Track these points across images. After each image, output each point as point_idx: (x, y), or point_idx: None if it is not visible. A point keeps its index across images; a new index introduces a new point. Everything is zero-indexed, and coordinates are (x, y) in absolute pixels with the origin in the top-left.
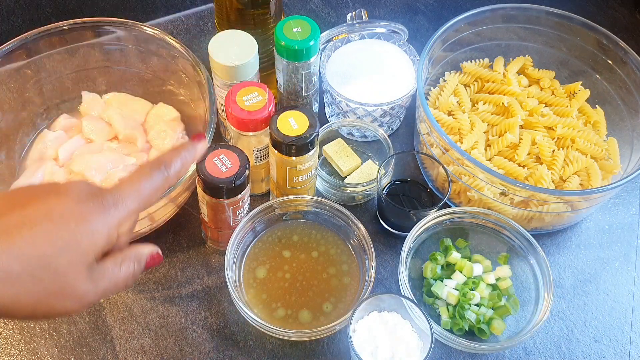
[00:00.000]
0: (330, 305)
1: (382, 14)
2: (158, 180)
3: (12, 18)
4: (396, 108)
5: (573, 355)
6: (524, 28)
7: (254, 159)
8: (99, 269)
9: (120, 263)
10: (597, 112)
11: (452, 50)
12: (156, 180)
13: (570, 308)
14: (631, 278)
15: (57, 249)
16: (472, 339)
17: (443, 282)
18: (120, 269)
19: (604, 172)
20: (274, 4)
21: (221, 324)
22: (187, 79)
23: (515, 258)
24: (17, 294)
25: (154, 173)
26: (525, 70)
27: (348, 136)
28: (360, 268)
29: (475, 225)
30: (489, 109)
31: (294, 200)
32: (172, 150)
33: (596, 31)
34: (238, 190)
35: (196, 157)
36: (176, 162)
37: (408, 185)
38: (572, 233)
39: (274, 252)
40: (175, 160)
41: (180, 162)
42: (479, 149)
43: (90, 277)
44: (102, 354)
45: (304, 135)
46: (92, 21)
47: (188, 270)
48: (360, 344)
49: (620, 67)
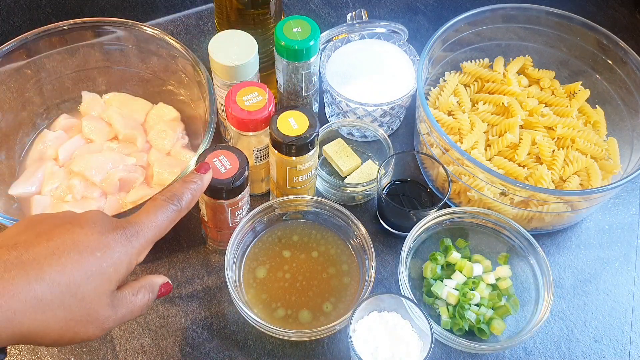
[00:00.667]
0: (330, 305)
1: (382, 14)
2: (172, 213)
3: (12, 18)
4: (396, 108)
5: (573, 355)
6: (524, 28)
7: (254, 159)
8: (119, 297)
9: (137, 292)
10: (597, 112)
11: (452, 50)
12: (170, 212)
13: (570, 308)
14: (631, 278)
15: (85, 277)
16: (472, 339)
17: (443, 282)
18: (137, 297)
19: (604, 172)
20: (274, 4)
21: (221, 324)
22: (187, 79)
23: (515, 258)
24: (47, 321)
25: (168, 206)
26: (525, 70)
27: (348, 136)
28: (360, 268)
29: (475, 225)
30: (489, 109)
31: (294, 200)
32: (182, 184)
33: (596, 31)
34: (237, 191)
35: (204, 187)
36: (187, 195)
37: (408, 185)
38: (572, 233)
39: (274, 252)
40: (186, 194)
41: (191, 195)
42: (479, 149)
43: (112, 304)
44: (102, 354)
45: (304, 135)
46: (92, 21)
47: (188, 270)
48: (360, 344)
49: (620, 67)
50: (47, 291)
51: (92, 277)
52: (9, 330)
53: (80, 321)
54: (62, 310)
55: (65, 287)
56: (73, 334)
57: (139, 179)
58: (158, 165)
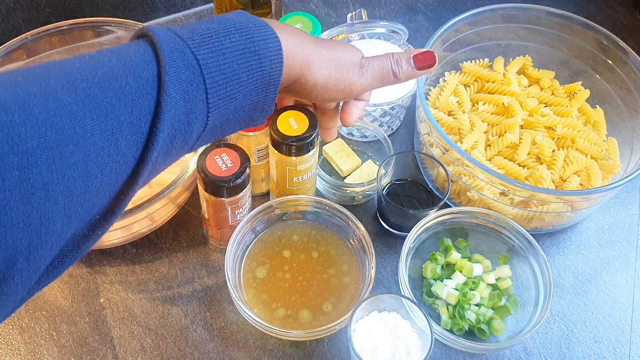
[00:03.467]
0: (330, 305)
1: (382, 14)
2: (388, 67)
3: (12, 18)
4: (396, 108)
5: (573, 355)
6: (524, 28)
7: (254, 159)
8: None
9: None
10: (597, 112)
11: (452, 50)
12: (387, 66)
13: (570, 308)
14: (631, 278)
15: (346, 54)
16: (472, 339)
17: (443, 282)
18: (383, 60)
19: (604, 172)
20: (274, 4)
21: (221, 324)
22: None
23: (515, 258)
24: (322, 53)
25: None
26: (525, 70)
27: (348, 136)
28: (360, 268)
29: (475, 225)
30: (489, 109)
31: (294, 200)
32: (407, 59)
33: (596, 31)
34: (238, 189)
35: (413, 73)
36: (404, 63)
37: (408, 185)
38: (572, 233)
39: (274, 252)
40: (404, 63)
41: (406, 65)
42: (479, 149)
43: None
44: (102, 354)
45: (304, 135)
46: (92, 21)
47: (188, 270)
48: (360, 344)
49: (620, 67)
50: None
51: (349, 56)
52: (299, 57)
53: (343, 63)
54: (330, 52)
55: (332, 46)
56: (339, 74)
57: None
58: None
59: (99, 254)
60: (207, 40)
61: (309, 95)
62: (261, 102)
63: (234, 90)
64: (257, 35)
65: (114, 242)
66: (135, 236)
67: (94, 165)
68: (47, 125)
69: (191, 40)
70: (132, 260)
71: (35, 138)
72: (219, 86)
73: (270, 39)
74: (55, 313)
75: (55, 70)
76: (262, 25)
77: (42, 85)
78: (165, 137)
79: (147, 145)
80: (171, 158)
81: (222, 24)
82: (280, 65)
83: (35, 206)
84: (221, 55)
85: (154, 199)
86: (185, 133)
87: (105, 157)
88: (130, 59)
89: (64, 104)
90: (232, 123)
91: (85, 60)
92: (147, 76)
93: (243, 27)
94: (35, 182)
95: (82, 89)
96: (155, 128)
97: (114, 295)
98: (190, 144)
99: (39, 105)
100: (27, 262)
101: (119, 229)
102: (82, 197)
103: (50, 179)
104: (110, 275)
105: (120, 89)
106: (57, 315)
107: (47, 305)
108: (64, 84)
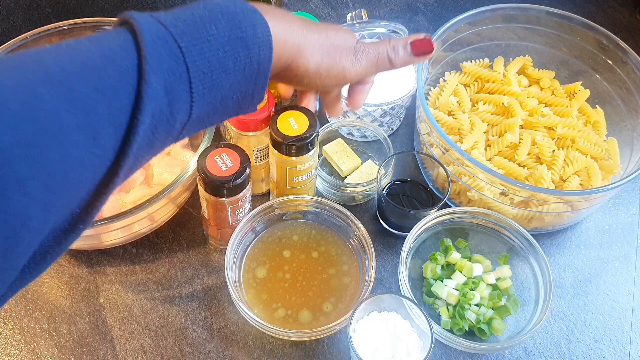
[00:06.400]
0: (330, 305)
1: (382, 14)
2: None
3: (12, 18)
4: (396, 108)
5: (573, 355)
6: (524, 28)
7: (254, 159)
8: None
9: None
10: (597, 112)
11: (452, 50)
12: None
13: (570, 308)
14: (631, 278)
15: (339, 39)
16: (472, 339)
17: (443, 282)
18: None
19: (604, 172)
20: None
21: (221, 324)
22: None
23: (515, 258)
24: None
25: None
26: (525, 70)
27: (348, 136)
28: (360, 268)
29: (475, 225)
30: (489, 109)
31: (294, 200)
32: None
33: (596, 31)
34: (238, 189)
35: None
36: (400, 48)
37: (408, 185)
38: (572, 233)
39: (274, 252)
40: (401, 48)
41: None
42: (479, 149)
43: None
44: (102, 354)
45: (304, 135)
46: (92, 21)
47: (188, 270)
48: (360, 344)
49: (620, 67)
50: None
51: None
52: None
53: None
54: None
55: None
56: (331, 60)
57: (138, 178)
58: (158, 165)
59: (99, 254)
60: (191, 27)
61: (301, 82)
62: (251, 91)
63: (220, 79)
64: (244, 21)
65: (114, 242)
66: (135, 236)
67: (72, 160)
68: (23, 119)
69: (174, 28)
70: (132, 260)
71: (10, 133)
72: (203, 75)
73: (258, 25)
74: (55, 313)
75: (30, 60)
76: (250, 11)
77: (17, 78)
78: (146, 128)
79: (127, 138)
80: (154, 149)
81: (208, 9)
82: (269, 52)
83: (9, 202)
84: (206, 42)
85: (154, 199)
86: (168, 124)
87: (83, 151)
88: (110, 48)
89: (40, 96)
90: (220, 112)
91: (62, 50)
92: (126, 66)
93: (230, 13)
94: (9, 178)
95: (58, 80)
96: (135, 119)
97: (114, 295)
98: (174, 134)
99: (14, 98)
100: (3, 259)
101: (119, 229)
102: (61, 192)
103: (26, 175)
104: (110, 275)
105: (99, 79)
106: (57, 315)
107: (47, 305)
108: (39, 75)
